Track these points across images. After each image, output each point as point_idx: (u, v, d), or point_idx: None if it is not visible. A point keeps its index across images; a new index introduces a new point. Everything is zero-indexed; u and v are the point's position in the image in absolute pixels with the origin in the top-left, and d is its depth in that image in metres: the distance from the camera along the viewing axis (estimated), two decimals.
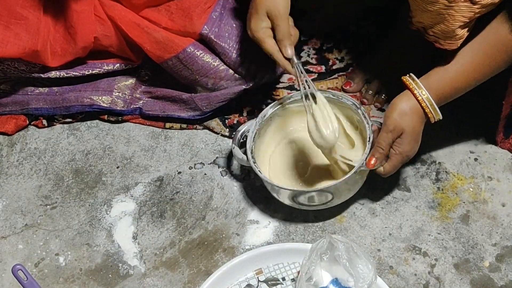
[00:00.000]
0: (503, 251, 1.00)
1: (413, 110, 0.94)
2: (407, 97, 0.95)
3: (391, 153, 0.96)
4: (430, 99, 0.93)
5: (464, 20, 0.86)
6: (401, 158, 0.97)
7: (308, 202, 1.01)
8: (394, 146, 0.96)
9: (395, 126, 0.94)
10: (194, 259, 1.03)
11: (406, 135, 0.95)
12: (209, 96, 1.15)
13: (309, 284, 0.90)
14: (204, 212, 1.09)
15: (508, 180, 1.09)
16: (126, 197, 1.12)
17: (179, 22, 1.13)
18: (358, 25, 1.30)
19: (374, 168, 0.97)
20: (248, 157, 1.02)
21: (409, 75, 0.95)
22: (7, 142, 1.22)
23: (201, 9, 1.12)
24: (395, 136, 0.95)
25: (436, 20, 0.88)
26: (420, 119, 0.95)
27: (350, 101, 1.04)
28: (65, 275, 1.03)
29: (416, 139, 0.96)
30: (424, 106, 0.93)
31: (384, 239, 1.03)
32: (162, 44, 1.12)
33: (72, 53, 1.14)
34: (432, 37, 0.92)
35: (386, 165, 0.97)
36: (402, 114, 0.94)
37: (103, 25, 1.13)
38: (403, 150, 0.96)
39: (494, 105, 1.08)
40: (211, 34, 1.12)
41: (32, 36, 1.08)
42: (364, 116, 1.01)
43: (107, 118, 1.22)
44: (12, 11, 1.06)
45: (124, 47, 1.17)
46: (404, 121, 0.94)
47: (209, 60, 1.14)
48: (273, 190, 1.03)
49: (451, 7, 0.85)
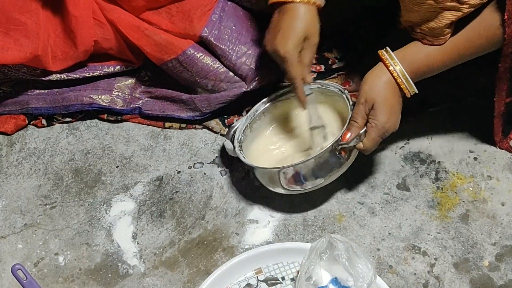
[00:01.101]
0: (503, 250, 1.00)
1: (386, 82, 0.94)
2: (379, 70, 0.96)
3: (367, 126, 0.96)
4: (403, 71, 0.94)
5: (452, 19, 0.86)
6: (378, 131, 0.96)
7: (298, 183, 1.01)
8: (369, 119, 0.96)
9: (367, 98, 0.95)
10: (194, 258, 1.03)
11: (379, 105, 0.94)
12: (209, 97, 1.16)
13: (309, 284, 0.90)
14: (204, 212, 1.09)
15: (507, 179, 1.09)
16: (125, 196, 1.12)
17: (179, 24, 1.13)
18: (358, 25, 1.30)
19: (352, 143, 0.97)
20: (235, 146, 1.04)
21: (384, 49, 0.96)
22: (6, 141, 1.21)
23: (201, 11, 1.13)
24: (367, 108, 0.95)
25: (424, 19, 0.88)
26: (393, 91, 0.95)
27: (336, 87, 1.05)
28: (64, 274, 1.03)
29: (392, 111, 0.96)
30: (396, 77, 0.94)
31: (384, 239, 1.03)
32: (162, 46, 1.12)
33: (73, 57, 1.15)
34: (420, 34, 0.92)
35: (365, 140, 0.97)
36: (373, 86, 0.95)
37: (102, 28, 1.13)
38: (378, 122, 0.95)
39: (493, 105, 1.07)
40: (211, 36, 1.12)
41: (32, 42, 1.08)
42: (347, 99, 1.02)
43: (107, 118, 1.22)
44: (11, 17, 1.06)
45: (124, 49, 1.17)
46: (375, 92, 0.94)
47: (209, 62, 1.14)
48: (263, 178, 1.04)
49: (439, 7, 0.85)
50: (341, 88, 1.05)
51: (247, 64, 1.14)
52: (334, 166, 1.00)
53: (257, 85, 1.16)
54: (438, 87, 1.18)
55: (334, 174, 1.01)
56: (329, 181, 1.02)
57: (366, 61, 1.22)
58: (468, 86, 1.21)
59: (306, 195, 1.08)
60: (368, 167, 1.12)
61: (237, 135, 1.06)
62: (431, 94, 1.18)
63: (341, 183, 1.10)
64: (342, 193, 1.09)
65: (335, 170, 1.01)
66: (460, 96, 1.20)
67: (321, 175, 1.00)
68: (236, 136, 1.05)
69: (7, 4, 1.05)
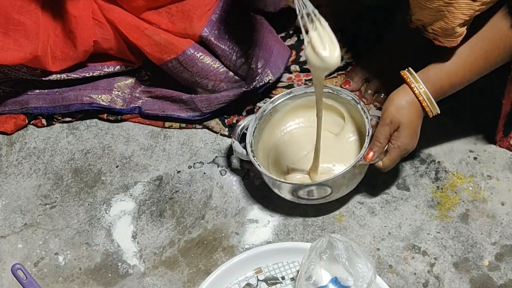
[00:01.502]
0: (503, 250, 1.00)
1: (411, 104, 0.95)
2: (404, 91, 0.95)
3: (389, 146, 0.97)
4: (427, 93, 0.94)
5: (464, 18, 0.86)
6: (399, 152, 0.97)
7: (307, 196, 1.01)
8: (392, 139, 0.97)
9: (392, 119, 0.95)
10: (194, 258, 1.03)
11: (404, 128, 0.95)
12: (209, 97, 1.15)
13: (309, 283, 0.90)
14: (204, 211, 1.09)
15: (507, 179, 1.09)
16: (125, 196, 1.12)
17: (179, 24, 1.13)
18: (357, 24, 1.30)
19: (372, 162, 0.97)
20: (248, 151, 1.02)
21: (407, 69, 0.96)
22: (6, 141, 1.21)
23: (201, 11, 1.13)
24: (393, 130, 0.96)
25: (436, 17, 0.88)
26: (418, 113, 0.95)
27: (349, 96, 1.05)
28: (64, 274, 1.03)
29: (414, 133, 0.97)
30: (422, 100, 0.94)
31: (384, 238, 1.03)
32: (162, 46, 1.12)
33: (73, 57, 1.15)
34: (432, 35, 0.92)
35: (385, 159, 0.97)
36: (399, 108, 0.95)
37: (102, 28, 1.13)
38: (401, 144, 0.96)
39: (494, 105, 1.08)
40: (211, 36, 1.12)
41: (31, 42, 1.08)
42: (363, 111, 1.02)
43: (106, 118, 1.22)
44: (10, 17, 1.06)
45: (124, 49, 1.17)
46: (401, 114, 0.94)
47: (209, 62, 1.14)
48: (274, 185, 1.03)
49: (450, 4, 0.85)
50: (355, 97, 1.04)
51: (248, 64, 1.14)
52: (348, 182, 1.01)
53: (257, 85, 1.16)
54: None
55: (346, 189, 1.02)
56: (339, 195, 1.03)
57: (366, 60, 1.23)
58: (468, 86, 1.21)
59: None
60: (368, 166, 1.12)
61: (248, 139, 1.04)
62: None
63: None
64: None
65: (347, 185, 1.02)
66: (460, 96, 1.19)
67: (333, 190, 1.00)
68: (247, 141, 1.04)
69: (6, 5, 1.05)
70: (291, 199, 1.03)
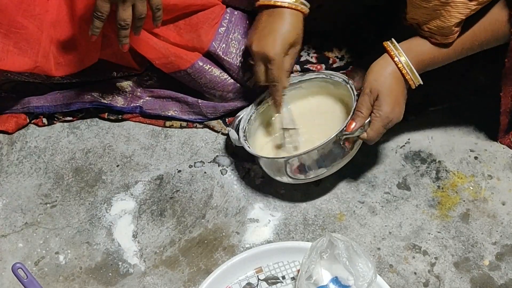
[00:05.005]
0: (503, 249, 1.00)
1: (391, 73, 0.95)
2: (384, 61, 0.97)
3: (372, 117, 0.97)
4: (408, 62, 0.95)
5: (461, 17, 0.87)
6: (382, 121, 0.97)
7: (302, 172, 1.02)
8: (374, 109, 0.97)
9: (371, 88, 0.96)
10: (194, 257, 1.03)
11: (384, 96, 0.95)
12: (216, 105, 1.17)
13: (309, 283, 0.90)
14: (204, 211, 1.09)
15: (508, 179, 1.09)
16: (126, 195, 1.12)
17: (188, 37, 1.13)
18: (358, 24, 1.30)
19: (356, 133, 0.98)
20: (240, 136, 1.05)
21: (390, 40, 0.97)
22: (7, 140, 1.22)
23: (209, 25, 1.13)
24: (373, 99, 0.96)
25: (431, 16, 0.89)
26: (398, 82, 0.96)
27: (340, 78, 1.07)
28: (65, 273, 1.03)
29: (396, 102, 0.97)
30: (401, 68, 0.95)
31: (384, 238, 1.03)
32: (171, 59, 1.12)
33: (77, 64, 1.14)
34: (427, 33, 0.93)
35: (369, 130, 0.98)
36: (378, 76, 0.96)
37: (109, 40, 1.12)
38: (383, 113, 0.96)
39: (494, 104, 1.08)
40: (219, 50, 1.13)
41: (31, 46, 1.07)
42: (351, 89, 1.04)
43: (107, 117, 1.22)
44: (13, 19, 1.05)
45: (128, 59, 1.17)
46: (380, 82, 0.95)
47: (217, 74, 1.15)
48: (269, 168, 1.05)
49: (447, 4, 0.85)
50: (345, 78, 1.06)
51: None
52: (337, 157, 1.01)
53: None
54: (439, 86, 1.18)
55: (337, 164, 1.03)
56: (332, 171, 1.04)
57: (367, 60, 1.23)
58: (468, 85, 1.21)
59: (306, 195, 1.08)
60: (368, 166, 1.12)
61: (241, 125, 1.07)
62: (432, 93, 1.18)
63: (341, 182, 1.10)
64: (343, 192, 1.09)
65: (338, 160, 1.02)
66: (460, 95, 1.20)
67: (324, 165, 1.01)
68: (240, 126, 1.07)
69: (11, 7, 1.05)
70: (288, 181, 1.04)
